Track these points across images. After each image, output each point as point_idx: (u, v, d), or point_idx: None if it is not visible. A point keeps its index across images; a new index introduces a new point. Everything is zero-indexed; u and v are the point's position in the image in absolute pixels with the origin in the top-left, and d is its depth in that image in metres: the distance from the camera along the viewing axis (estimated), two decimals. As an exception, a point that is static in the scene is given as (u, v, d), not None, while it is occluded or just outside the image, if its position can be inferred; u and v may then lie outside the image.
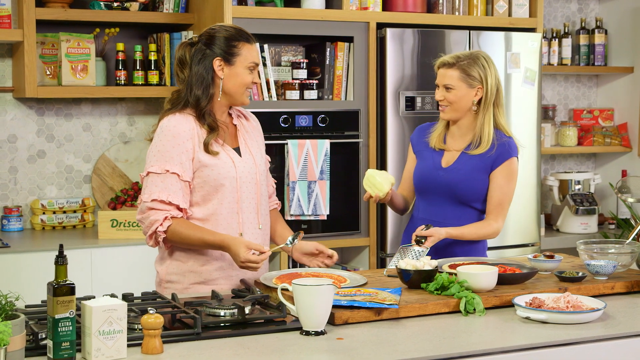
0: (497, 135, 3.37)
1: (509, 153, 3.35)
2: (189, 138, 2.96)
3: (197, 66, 3.01)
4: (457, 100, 3.35)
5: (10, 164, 4.64)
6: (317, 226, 4.52)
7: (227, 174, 2.99)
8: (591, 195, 5.45)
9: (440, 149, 3.44)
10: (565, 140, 5.68)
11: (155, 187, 2.93)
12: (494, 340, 2.38)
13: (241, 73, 3.02)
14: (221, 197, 3.00)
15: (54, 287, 2.11)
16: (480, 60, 3.36)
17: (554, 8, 5.85)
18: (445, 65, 3.38)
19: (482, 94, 3.35)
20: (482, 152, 3.34)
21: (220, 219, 3.01)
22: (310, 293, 2.37)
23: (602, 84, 5.98)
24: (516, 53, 4.84)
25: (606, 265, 2.96)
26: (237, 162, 3.04)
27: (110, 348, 2.16)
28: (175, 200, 2.93)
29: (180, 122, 2.97)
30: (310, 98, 4.54)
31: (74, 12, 4.46)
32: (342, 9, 4.58)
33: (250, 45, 3.05)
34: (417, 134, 3.58)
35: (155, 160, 2.96)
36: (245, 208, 3.05)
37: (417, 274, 2.82)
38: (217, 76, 3.02)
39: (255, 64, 3.05)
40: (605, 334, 2.46)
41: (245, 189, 3.05)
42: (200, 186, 2.99)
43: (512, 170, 3.36)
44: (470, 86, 3.34)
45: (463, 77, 3.34)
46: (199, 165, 2.97)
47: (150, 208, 2.93)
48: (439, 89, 3.40)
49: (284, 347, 2.31)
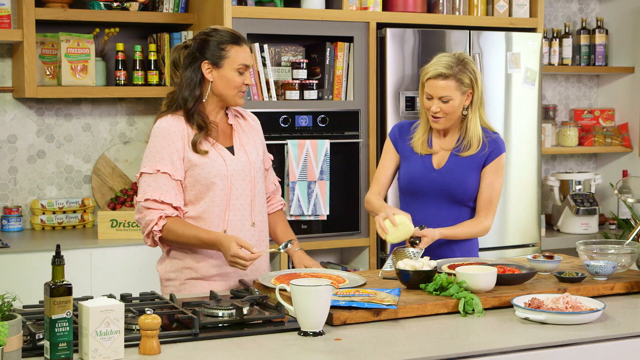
0: (483, 132, 3.36)
1: (499, 150, 3.35)
2: (179, 138, 3.02)
3: (187, 69, 3.08)
4: (454, 111, 3.28)
5: (10, 164, 4.64)
6: (317, 226, 4.51)
7: (217, 172, 3.04)
8: (592, 196, 5.44)
9: (427, 153, 3.38)
10: (566, 140, 5.67)
11: (148, 187, 3.00)
12: (493, 341, 2.37)
13: (230, 75, 3.06)
14: (213, 195, 3.05)
15: (50, 287, 2.11)
16: (469, 64, 3.27)
17: (554, 8, 5.84)
18: (441, 76, 3.25)
19: (471, 98, 3.30)
20: (474, 153, 3.33)
21: (213, 216, 3.05)
22: (308, 294, 2.37)
23: (602, 84, 5.97)
24: (516, 53, 4.84)
25: (605, 265, 2.95)
26: (229, 160, 3.08)
27: (108, 349, 2.15)
28: (168, 199, 2.98)
29: (171, 124, 3.04)
30: (310, 98, 4.53)
31: (74, 12, 4.45)
32: (342, 9, 4.57)
33: (238, 47, 3.07)
34: (399, 134, 3.46)
35: (147, 160, 3.03)
36: (239, 205, 3.09)
37: (416, 275, 2.82)
38: (207, 79, 3.07)
39: (244, 65, 3.08)
40: (604, 335, 2.46)
41: (237, 187, 3.09)
42: (192, 185, 3.05)
43: (501, 166, 3.36)
44: (463, 93, 3.27)
45: (458, 86, 3.25)
46: (189, 165, 3.03)
47: (146, 208, 2.98)
48: (432, 101, 3.28)
49: (282, 347, 2.30)
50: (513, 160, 4.87)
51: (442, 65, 3.26)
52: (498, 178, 3.35)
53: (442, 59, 3.29)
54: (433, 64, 3.29)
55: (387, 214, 3.14)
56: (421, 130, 3.40)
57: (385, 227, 3.12)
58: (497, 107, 4.81)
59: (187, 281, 3.08)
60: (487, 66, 4.77)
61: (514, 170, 4.88)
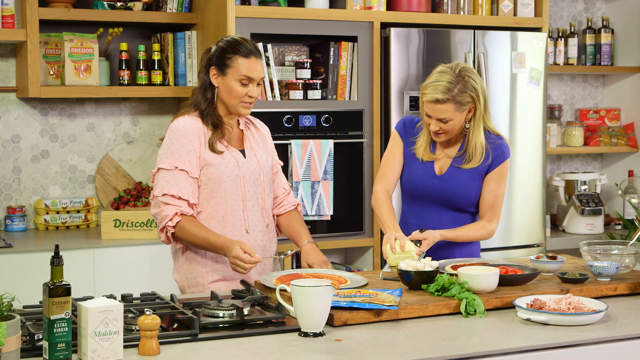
0: (487, 138, 3.29)
1: (503, 156, 3.30)
2: (196, 137, 3.09)
3: (202, 71, 3.19)
4: (453, 128, 3.22)
5: (13, 164, 4.64)
6: (321, 226, 4.50)
7: (230, 173, 3.11)
8: (597, 196, 5.41)
9: (429, 160, 3.33)
10: (571, 140, 5.65)
11: (167, 182, 3.06)
12: (494, 342, 2.36)
13: (232, 85, 3.12)
14: (224, 195, 3.11)
15: (49, 287, 2.10)
16: (469, 82, 3.17)
17: (560, 7, 5.82)
18: (439, 102, 3.15)
19: (474, 111, 3.24)
20: (476, 166, 3.29)
21: (227, 217, 3.12)
22: (308, 294, 2.36)
23: (608, 84, 5.95)
24: (521, 53, 4.82)
25: (609, 266, 2.93)
26: (241, 162, 3.15)
27: (107, 349, 2.15)
28: (185, 195, 3.05)
29: (189, 123, 3.12)
30: (314, 98, 4.52)
31: (77, 12, 4.45)
32: (346, 9, 4.56)
33: (245, 59, 3.11)
34: (404, 130, 3.40)
35: (165, 157, 3.09)
36: (251, 207, 3.17)
37: (417, 275, 2.80)
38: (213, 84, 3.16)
39: (247, 77, 3.11)
40: (606, 336, 2.44)
41: (249, 189, 3.16)
42: (205, 184, 3.11)
43: (505, 172, 3.32)
44: (463, 110, 3.20)
45: (457, 107, 3.17)
46: (204, 164, 3.10)
47: (164, 203, 3.05)
48: (431, 119, 3.21)
49: (282, 348, 2.29)
50: (518, 160, 4.85)
51: (440, 90, 3.15)
52: (501, 184, 3.32)
53: (441, 80, 3.17)
54: (431, 86, 3.18)
55: (399, 237, 3.08)
56: (423, 137, 3.35)
57: (394, 247, 3.05)
58: (502, 107, 4.79)
59: (210, 285, 3.13)
60: (492, 66, 4.75)
61: (518, 171, 4.86)
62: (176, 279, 3.23)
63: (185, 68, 4.66)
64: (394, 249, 3.04)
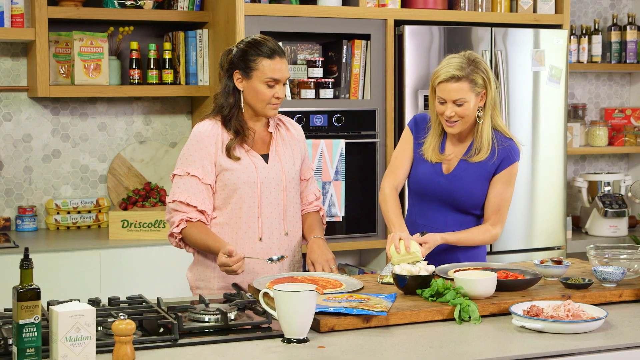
0: (496, 138, 3.18)
1: (512, 158, 3.18)
2: (212, 143, 3.06)
3: (225, 75, 3.12)
4: (469, 113, 3.11)
5: (25, 164, 4.62)
6: (333, 228, 4.42)
7: (246, 179, 3.06)
8: (621, 197, 5.26)
9: (438, 161, 3.22)
10: (595, 140, 5.50)
11: (178, 188, 3.06)
12: (484, 350, 2.26)
13: (259, 88, 3.06)
14: (239, 201, 3.07)
15: (18, 291, 2.05)
16: (480, 64, 3.10)
17: (584, 4, 5.68)
18: (454, 78, 3.06)
19: (485, 99, 3.14)
20: (483, 160, 3.17)
21: (241, 223, 3.08)
22: (290, 299, 2.29)
23: (635, 82, 5.79)
24: (540, 51, 4.70)
25: (614, 272, 2.81)
26: (261, 167, 3.08)
27: (78, 355, 2.09)
28: (194, 202, 3.03)
29: (207, 128, 3.07)
30: (326, 97, 4.44)
31: (87, 11, 4.41)
32: (359, 6, 4.47)
33: (270, 60, 3.04)
34: (415, 126, 3.31)
35: (180, 163, 3.09)
36: (269, 213, 3.10)
37: (412, 280, 2.72)
38: (238, 88, 3.10)
39: (273, 79, 3.04)
40: (603, 345, 2.33)
41: (268, 195, 3.09)
42: (221, 189, 3.08)
43: (513, 175, 3.20)
44: (477, 94, 3.10)
45: (471, 87, 3.08)
46: (220, 169, 3.06)
47: (173, 209, 3.06)
48: (445, 105, 3.11)
49: (262, 355, 2.22)
50: (540, 160, 4.73)
51: (453, 67, 3.08)
52: (508, 187, 3.20)
53: (452, 61, 3.11)
54: (443, 67, 3.11)
55: (404, 237, 2.98)
56: (431, 136, 3.24)
57: (398, 248, 2.95)
58: (524, 106, 4.67)
59: (218, 291, 3.10)
60: (512, 64, 4.63)
61: (540, 171, 4.74)
62: (188, 278, 3.20)
63: (197, 67, 4.60)
64: (399, 250, 2.95)
